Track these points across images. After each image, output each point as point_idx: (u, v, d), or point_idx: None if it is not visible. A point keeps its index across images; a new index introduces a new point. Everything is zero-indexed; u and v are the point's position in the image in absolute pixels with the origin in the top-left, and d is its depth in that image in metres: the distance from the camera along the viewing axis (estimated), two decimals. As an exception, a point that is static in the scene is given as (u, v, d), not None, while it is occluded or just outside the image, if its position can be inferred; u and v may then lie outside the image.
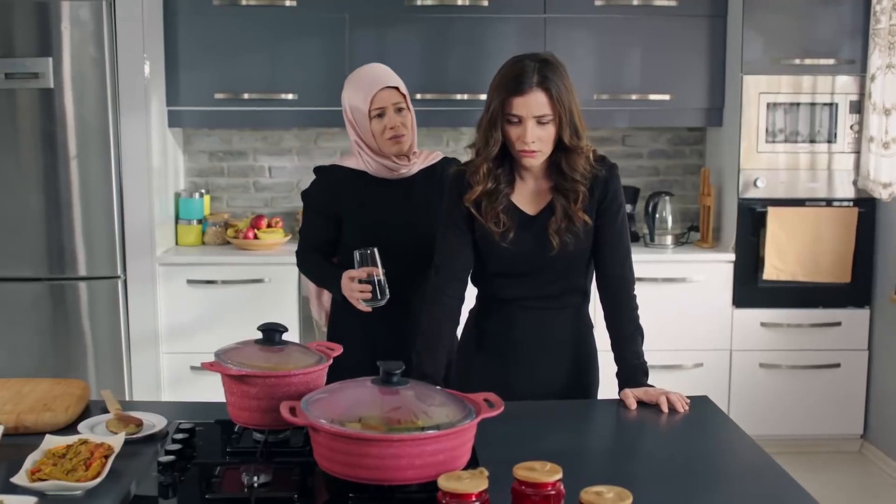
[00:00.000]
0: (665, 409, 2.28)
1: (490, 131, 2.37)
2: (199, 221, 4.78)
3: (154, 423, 2.15)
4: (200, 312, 4.41)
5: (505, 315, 2.54)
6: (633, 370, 2.43)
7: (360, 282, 2.61)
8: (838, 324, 4.58)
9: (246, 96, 4.58)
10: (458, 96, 4.63)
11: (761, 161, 4.51)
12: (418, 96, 4.57)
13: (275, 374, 1.98)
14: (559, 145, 2.38)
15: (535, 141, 2.33)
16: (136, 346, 4.39)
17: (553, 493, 1.57)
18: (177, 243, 4.76)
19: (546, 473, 1.57)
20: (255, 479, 1.78)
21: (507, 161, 2.43)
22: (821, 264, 4.51)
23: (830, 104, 4.49)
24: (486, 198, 2.42)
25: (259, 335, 2.14)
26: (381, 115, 2.72)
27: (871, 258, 4.55)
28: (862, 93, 4.43)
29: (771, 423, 4.61)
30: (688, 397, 2.34)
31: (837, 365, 4.60)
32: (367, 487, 1.74)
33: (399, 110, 2.74)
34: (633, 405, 2.31)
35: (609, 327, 2.50)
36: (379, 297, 2.62)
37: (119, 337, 4.36)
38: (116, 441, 1.95)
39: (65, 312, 4.36)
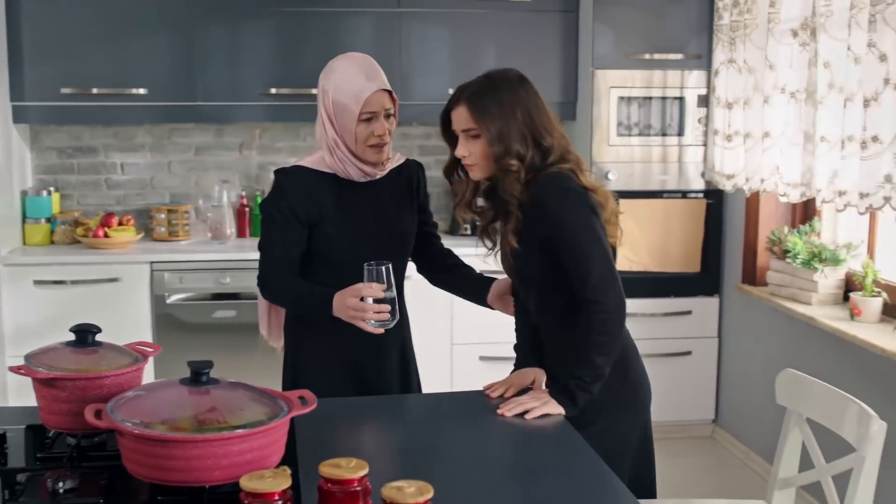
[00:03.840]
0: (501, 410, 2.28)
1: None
2: (48, 220, 4.63)
3: (-37, 430, 2.07)
4: (49, 314, 4.26)
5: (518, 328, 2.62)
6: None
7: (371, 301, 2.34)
8: (689, 312, 4.70)
9: (94, 91, 4.44)
10: (314, 91, 4.53)
11: (613, 154, 4.60)
12: (273, 91, 4.53)
13: (85, 376, 1.93)
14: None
15: (467, 154, 2.36)
16: (-19, 351, 4.23)
17: (359, 489, 1.56)
18: (24, 243, 4.59)
19: (351, 470, 1.55)
20: (61, 484, 1.74)
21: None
22: (671, 255, 4.61)
23: (679, 98, 4.60)
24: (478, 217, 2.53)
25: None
26: (369, 120, 2.47)
27: (719, 248, 4.68)
28: (708, 87, 4.55)
29: (626, 410, 4.71)
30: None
31: (689, 352, 4.73)
32: (179, 490, 1.71)
33: (388, 116, 2.51)
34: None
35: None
36: (395, 317, 2.36)
37: (-38, 341, 4.21)
38: (-83, 450, 1.87)
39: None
